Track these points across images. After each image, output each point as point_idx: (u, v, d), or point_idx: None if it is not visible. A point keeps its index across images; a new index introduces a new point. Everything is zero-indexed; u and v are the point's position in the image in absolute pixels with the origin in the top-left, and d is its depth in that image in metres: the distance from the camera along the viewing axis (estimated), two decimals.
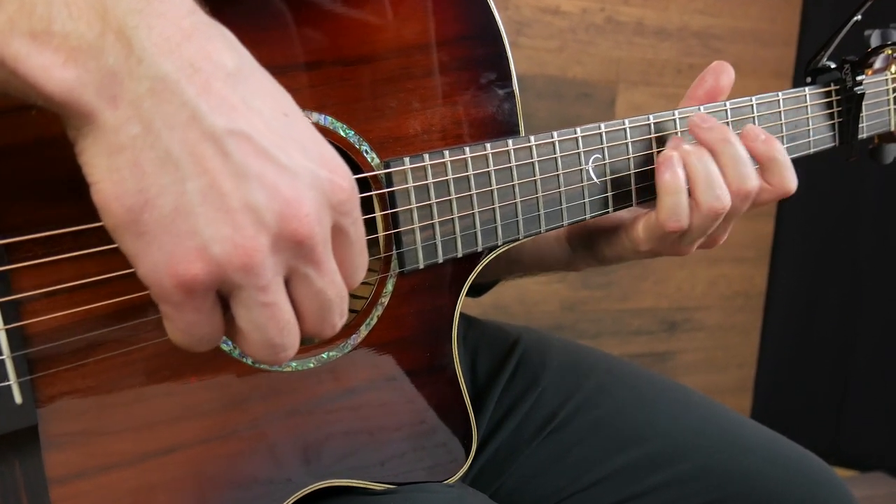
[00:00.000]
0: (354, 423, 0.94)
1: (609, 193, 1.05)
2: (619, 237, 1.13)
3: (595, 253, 1.18)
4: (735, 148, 1.05)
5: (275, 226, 0.64)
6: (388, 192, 0.91)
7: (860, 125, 1.29)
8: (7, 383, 0.71)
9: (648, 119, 1.07)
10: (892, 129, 1.37)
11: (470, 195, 0.95)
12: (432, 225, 0.93)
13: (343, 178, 0.69)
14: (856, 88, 1.27)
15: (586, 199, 1.04)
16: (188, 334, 0.67)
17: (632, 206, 1.08)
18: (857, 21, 1.24)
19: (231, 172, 0.63)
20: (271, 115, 0.66)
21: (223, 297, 0.67)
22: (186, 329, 0.67)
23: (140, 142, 0.62)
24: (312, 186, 0.66)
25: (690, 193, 1.04)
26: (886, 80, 1.34)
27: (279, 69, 0.83)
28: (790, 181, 1.10)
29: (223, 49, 0.65)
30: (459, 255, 0.96)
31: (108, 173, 0.62)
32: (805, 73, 1.29)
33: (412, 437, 0.99)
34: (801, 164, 1.34)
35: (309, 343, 0.89)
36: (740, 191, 1.05)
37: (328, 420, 0.92)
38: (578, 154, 1.02)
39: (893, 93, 1.36)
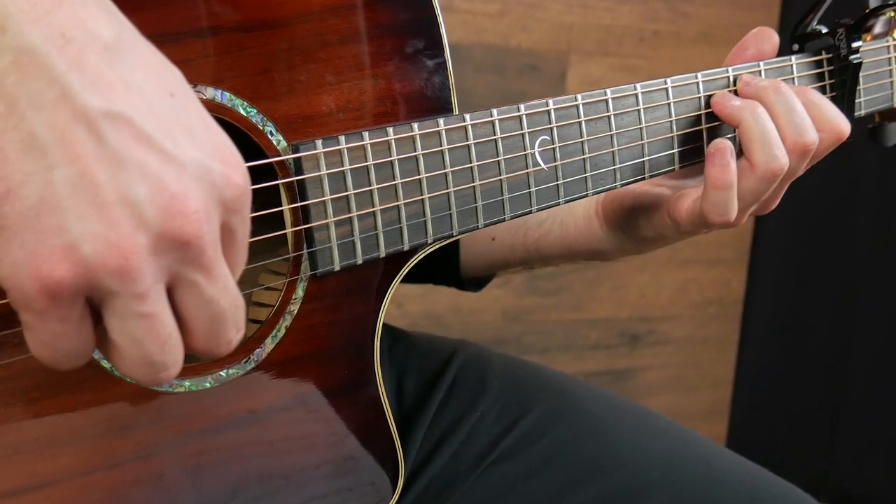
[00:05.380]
0: (263, 454, 0.94)
1: (560, 182, 1.07)
2: (660, 215, 1.17)
3: (634, 233, 1.22)
4: (787, 97, 1.11)
5: (157, 224, 0.65)
6: (297, 180, 0.91)
7: (857, 100, 1.30)
8: None
9: (606, 94, 1.08)
10: None
11: (394, 184, 0.96)
12: (349, 220, 0.94)
13: (236, 171, 0.70)
14: (851, 57, 1.27)
15: (532, 189, 1.05)
16: (52, 348, 0.67)
17: (587, 195, 1.09)
18: None
19: (107, 160, 0.63)
20: (155, 95, 0.67)
21: (94, 305, 0.67)
22: (50, 342, 0.67)
23: (2, 123, 0.62)
24: (202, 179, 0.67)
25: (744, 154, 1.09)
26: (888, 46, 1.34)
27: (168, 36, 0.83)
28: (840, 121, 1.15)
29: (100, 16, 0.66)
30: (382, 255, 0.97)
31: None
32: (791, 38, 1.29)
33: (333, 474, 0.99)
34: None
35: (206, 359, 0.89)
36: (796, 146, 1.10)
37: (233, 449, 0.92)
38: (523, 135, 1.03)
39: None
